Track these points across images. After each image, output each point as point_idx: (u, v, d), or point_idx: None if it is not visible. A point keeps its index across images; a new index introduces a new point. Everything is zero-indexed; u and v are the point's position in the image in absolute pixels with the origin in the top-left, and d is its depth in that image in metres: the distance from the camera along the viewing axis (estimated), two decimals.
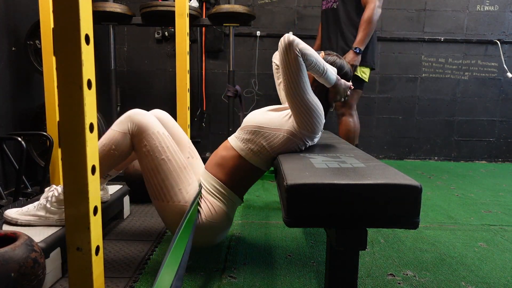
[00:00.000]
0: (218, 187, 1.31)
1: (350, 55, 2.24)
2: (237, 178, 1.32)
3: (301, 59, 1.17)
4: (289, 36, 1.16)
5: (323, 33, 2.56)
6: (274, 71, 1.68)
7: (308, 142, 1.30)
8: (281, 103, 1.67)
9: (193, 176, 1.30)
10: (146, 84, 3.59)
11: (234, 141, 1.34)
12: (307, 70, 1.23)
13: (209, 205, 1.28)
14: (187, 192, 1.25)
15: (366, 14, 2.23)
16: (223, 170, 1.32)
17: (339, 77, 1.33)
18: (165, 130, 1.29)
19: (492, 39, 3.59)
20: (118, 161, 1.30)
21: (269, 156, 1.31)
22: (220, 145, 1.41)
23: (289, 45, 1.16)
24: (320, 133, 1.32)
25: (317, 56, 1.22)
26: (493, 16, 3.59)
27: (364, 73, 2.38)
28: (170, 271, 0.90)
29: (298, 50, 1.15)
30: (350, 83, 1.38)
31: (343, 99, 1.39)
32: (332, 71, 1.29)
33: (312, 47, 1.24)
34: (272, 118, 1.30)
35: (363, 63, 2.33)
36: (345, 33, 2.36)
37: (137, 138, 1.25)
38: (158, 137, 1.24)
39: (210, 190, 1.31)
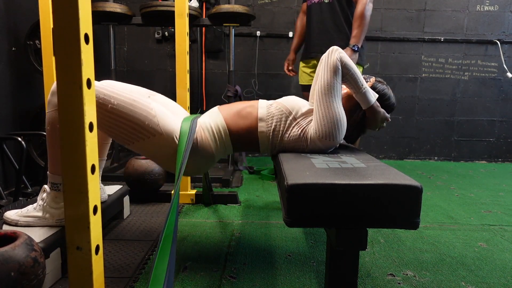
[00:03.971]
0: (221, 130, 1.30)
1: (347, 53, 2.15)
2: (241, 136, 1.32)
3: (339, 64, 1.23)
4: (338, 47, 1.27)
5: (309, 28, 2.43)
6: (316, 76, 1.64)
7: (312, 151, 1.30)
8: None
9: (155, 104, 1.22)
10: (146, 84, 3.56)
11: (263, 107, 1.33)
12: (346, 81, 1.26)
13: (200, 137, 1.26)
14: (157, 123, 1.18)
15: (358, 9, 2.17)
16: (237, 122, 1.31)
17: (378, 104, 1.34)
18: (97, 83, 1.20)
19: (492, 39, 3.59)
20: None
21: (274, 144, 1.32)
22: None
23: (334, 50, 1.25)
24: (331, 149, 1.31)
25: (358, 72, 1.26)
26: (493, 16, 3.59)
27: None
28: (163, 263, 0.90)
29: (339, 56, 1.23)
30: (388, 116, 1.38)
31: (377, 129, 1.41)
32: (371, 93, 1.31)
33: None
34: (304, 115, 1.31)
35: (358, 62, 2.29)
36: (342, 26, 2.29)
37: None
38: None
39: (211, 128, 1.29)
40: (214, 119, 1.32)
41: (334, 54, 1.24)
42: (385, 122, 1.39)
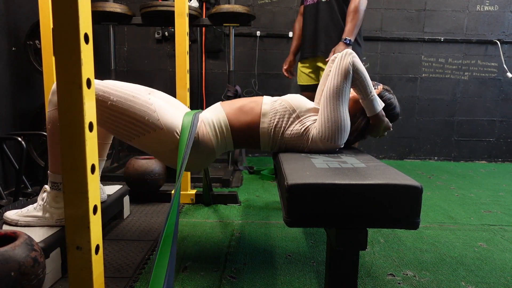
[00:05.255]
0: (223, 126, 1.30)
1: (340, 47, 2.14)
2: (242, 132, 1.32)
3: (351, 68, 1.22)
4: (352, 51, 1.26)
5: (308, 28, 2.41)
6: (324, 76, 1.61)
7: (311, 150, 1.30)
8: None
9: (154, 99, 1.23)
10: (146, 84, 3.53)
11: (267, 103, 1.33)
12: (355, 86, 1.26)
13: (201, 132, 1.26)
14: (158, 118, 1.19)
15: (352, 4, 2.19)
16: (238, 117, 1.31)
17: (383, 113, 1.33)
18: (97, 81, 1.20)
19: (492, 39, 3.59)
20: None
21: (275, 141, 1.32)
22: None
23: (348, 54, 1.24)
24: (331, 151, 1.30)
25: (368, 78, 1.26)
26: (493, 16, 3.59)
27: None
28: (163, 263, 0.90)
29: (352, 60, 1.23)
30: (391, 125, 1.38)
31: (378, 137, 1.41)
32: (378, 102, 1.30)
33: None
34: (308, 114, 1.31)
35: None
36: (340, 25, 2.27)
37: None
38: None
39: (213, 123, 1.30)
40: (216, 115, 1.32)
41: (348, 58, 1.23)
42: (387, 131, 1.39)
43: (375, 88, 1.40)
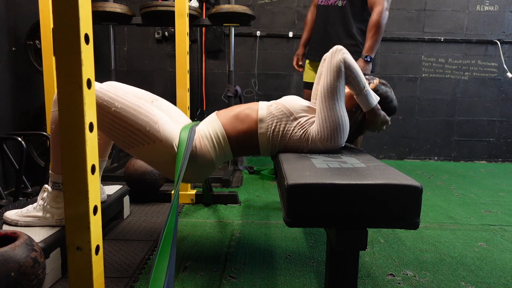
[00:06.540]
0: (220, 137, 1.30)
1: (360, 64, 2.10)
2: (240, 140, 1.32)
3: (343, 65, 1.21)
4: (342, 47, 1.24)
5: (318, 29, 2.38)
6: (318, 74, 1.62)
7: (311, 151, 1.29)
8: None
9: (157, 111, 1.23)
10: (146, 84, 3.59)
11: (263, 108, 1.33)
12: (348, 83, 1.25)
13: (199, 145, 1.26)
14: (158, 130, 1.19)
15: (373, 18, 2.07)
16: (235, 126, 1.31)
17: (379, 107, 1.32)
18: (102, 85, 1.22)
19: (492, 39, 3.59)
20: None
21: (274, 145, 1.31)
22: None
23: (338, 50, 1.23)
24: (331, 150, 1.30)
25: (360, 73, 1.24)
26: (493, 16, 3.59)
27: None
28: (163, 264, 0.90)
29: (343, 57, 1.21)
30: (388, 119, 1.36)
31: (376, 131, 1.39)
32: (373, 96, 1.29)
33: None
34: (305, 115, 1.31)
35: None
36: (353, 32, 2.24)
37: None
38: (98, 94, 1.17)
39: (210, 135, 1.30)
40: (212, 126, 1.32)
41: (338, 54, 1.22)
42: (385, 125, 1.38)
43: (370, 83, 1.38)
